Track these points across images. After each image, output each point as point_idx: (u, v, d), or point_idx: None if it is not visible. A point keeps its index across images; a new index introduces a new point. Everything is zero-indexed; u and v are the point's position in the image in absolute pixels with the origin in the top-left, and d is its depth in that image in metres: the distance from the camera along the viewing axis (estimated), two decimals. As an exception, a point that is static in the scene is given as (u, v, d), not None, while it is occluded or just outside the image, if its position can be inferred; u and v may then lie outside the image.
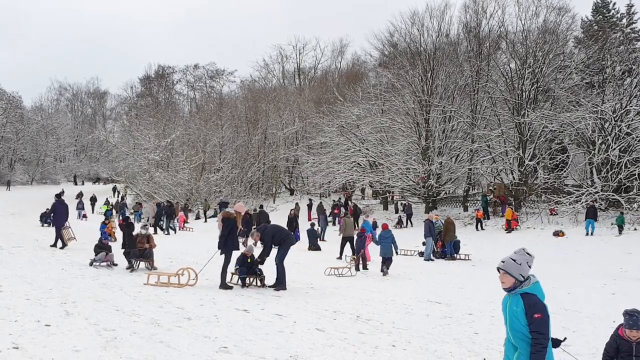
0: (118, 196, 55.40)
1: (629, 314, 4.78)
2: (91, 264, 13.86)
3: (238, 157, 51.75)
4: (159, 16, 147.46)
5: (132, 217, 30.44)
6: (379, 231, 18.91)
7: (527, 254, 4.37)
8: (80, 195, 46.53)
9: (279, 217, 32.25)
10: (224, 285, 11.81)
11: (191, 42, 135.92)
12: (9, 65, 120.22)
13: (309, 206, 38.42)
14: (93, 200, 46.59)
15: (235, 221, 12.54)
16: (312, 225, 25.57)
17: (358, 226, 33.95)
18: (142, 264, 14.69)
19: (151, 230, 19.43)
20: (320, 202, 38.82)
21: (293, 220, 28.99)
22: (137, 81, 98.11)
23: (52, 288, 10.47)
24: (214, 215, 26.44)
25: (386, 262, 16.00)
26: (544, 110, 29.87)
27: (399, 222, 33.01)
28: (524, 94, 31.02)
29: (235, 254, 12.39)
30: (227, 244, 12.07)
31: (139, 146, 50.56)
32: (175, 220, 32.92)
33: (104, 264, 13.89)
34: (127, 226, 15.19)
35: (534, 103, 30.86)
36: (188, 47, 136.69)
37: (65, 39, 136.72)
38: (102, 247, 14.31)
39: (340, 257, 20.39)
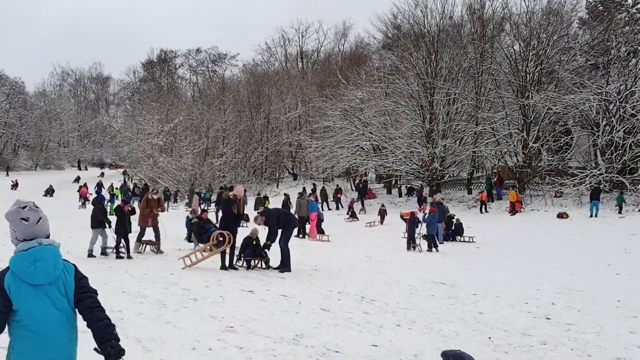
0: (129, 180, 55.39)
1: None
2: (103, 253, 13.42)
3: (241, 141, 51.69)
4: (161, 0, 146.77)
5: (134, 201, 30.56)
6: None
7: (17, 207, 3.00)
8: (100, 184, 46.98)
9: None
10: (231, 266, 12.03)
11: (193, 25, 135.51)
12: (11, 51, 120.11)
13: (313, 191, 38.48)
14: (99, 186, 46.73)
15: (232, 203, 12.46)
16: (316, 209, 25.63)
17: (364, 207, 34.12)
18: (148, 248, 14.78)
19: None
20: (323, 187, 38.89)
21: (285, 204, 29.20)
22: (140, 66, 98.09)
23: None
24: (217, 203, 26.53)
25: (430, 239, 18.06)
26: (548, 92, 29.66)
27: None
28: (528, 76, 30.79)
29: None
30: (229, 226, 12.19)
31: (142, 131, 50.49)
32: None
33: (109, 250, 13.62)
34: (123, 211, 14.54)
35: (538, 85, 30.64)
36: (189, 31, 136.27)
37: (67, 24, 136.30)
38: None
39: (302, 236, 21.00)
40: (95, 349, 2.95)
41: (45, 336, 2.87)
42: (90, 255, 13.18)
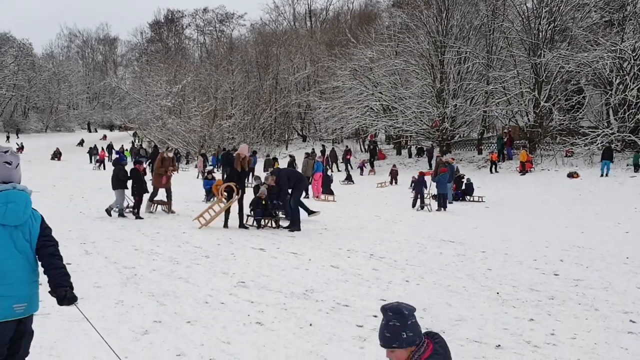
0: (139, 142, 55.60)
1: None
2: (121, 214, 13.32)
3: (250, 103, 51.47)
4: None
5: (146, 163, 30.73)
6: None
7: None
8: (110, 146, 47.00)
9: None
10: (241, 225, 12.15)
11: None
12: (18, 13, 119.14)
13: (323, 152, 38.44)
14: (110, 147, 46.92)
15: (232, 158, 12.62)
16: (326, 170, 25.69)
17: (374, 168, 34.14)
18: (160, 208, 14.91)
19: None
20: (333, 148, 38.83)
21: (290, 165, 29.29)
22: (147, 27, 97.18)
23: (71, 230, 10.70)
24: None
25: (442, 197, 18.32)
26: (561, 50, 29.07)
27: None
28: (540, 33, 30.15)
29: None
30: (233, 182, 12.30)
31: (150, 92, 50.37)
32: None
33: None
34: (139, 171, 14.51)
35: (550, 43, 30.05)
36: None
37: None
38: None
39: (306, 196, 20.99)
40: (49, 292, 3.12)
41: (4, 274, 3.02)
42: (108, 213, 13.26)
